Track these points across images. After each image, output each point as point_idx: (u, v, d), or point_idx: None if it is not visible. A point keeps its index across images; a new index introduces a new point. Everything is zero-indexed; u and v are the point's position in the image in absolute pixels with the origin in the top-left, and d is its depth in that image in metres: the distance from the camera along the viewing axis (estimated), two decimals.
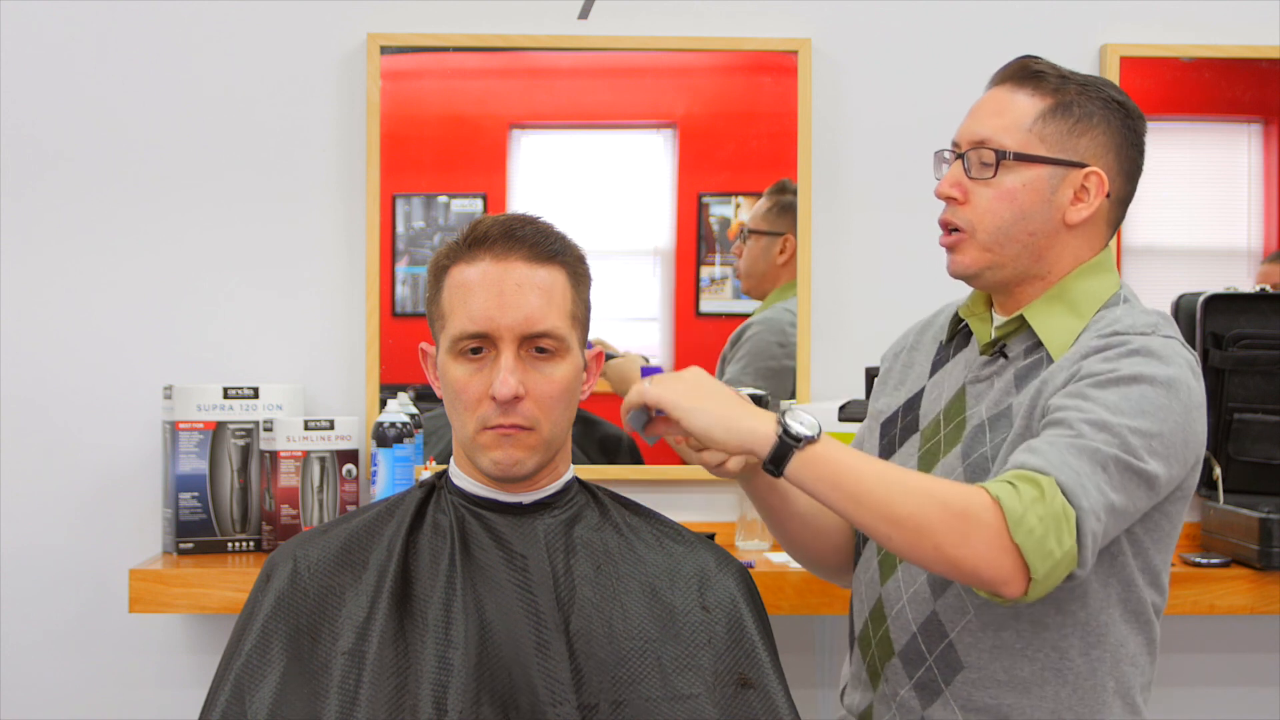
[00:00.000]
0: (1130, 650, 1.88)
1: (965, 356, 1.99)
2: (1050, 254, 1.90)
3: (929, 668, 1.89)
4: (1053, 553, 1.66)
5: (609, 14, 2.91)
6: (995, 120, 1.90)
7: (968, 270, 1.91)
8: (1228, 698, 2.97)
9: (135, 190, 2.88)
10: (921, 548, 1.69)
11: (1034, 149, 1.87)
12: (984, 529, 1.66)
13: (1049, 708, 1.85)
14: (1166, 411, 1.76)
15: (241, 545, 2.77)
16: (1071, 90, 1.90)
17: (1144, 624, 1.89)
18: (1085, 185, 1.88)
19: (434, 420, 2.85)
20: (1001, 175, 1.87)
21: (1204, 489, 2.87)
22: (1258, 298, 2.88)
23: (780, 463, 1.72)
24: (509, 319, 1.76)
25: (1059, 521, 1.66)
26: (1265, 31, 2.95)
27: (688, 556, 1.88)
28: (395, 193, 2.94)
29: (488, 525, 1.83)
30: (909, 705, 1.91)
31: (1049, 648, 1.85)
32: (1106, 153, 1.90)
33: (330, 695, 1.73)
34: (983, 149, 1.89)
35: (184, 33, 2.88)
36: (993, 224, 1.88)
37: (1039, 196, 1.88)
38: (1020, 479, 1.68)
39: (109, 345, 2.88)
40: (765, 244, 3.01)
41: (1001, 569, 1.67)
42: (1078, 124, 1.88)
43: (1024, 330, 1.92)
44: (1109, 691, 1.87)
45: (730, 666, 1.82)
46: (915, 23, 2.93)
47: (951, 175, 1.92)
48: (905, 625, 1.91)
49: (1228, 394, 2.87)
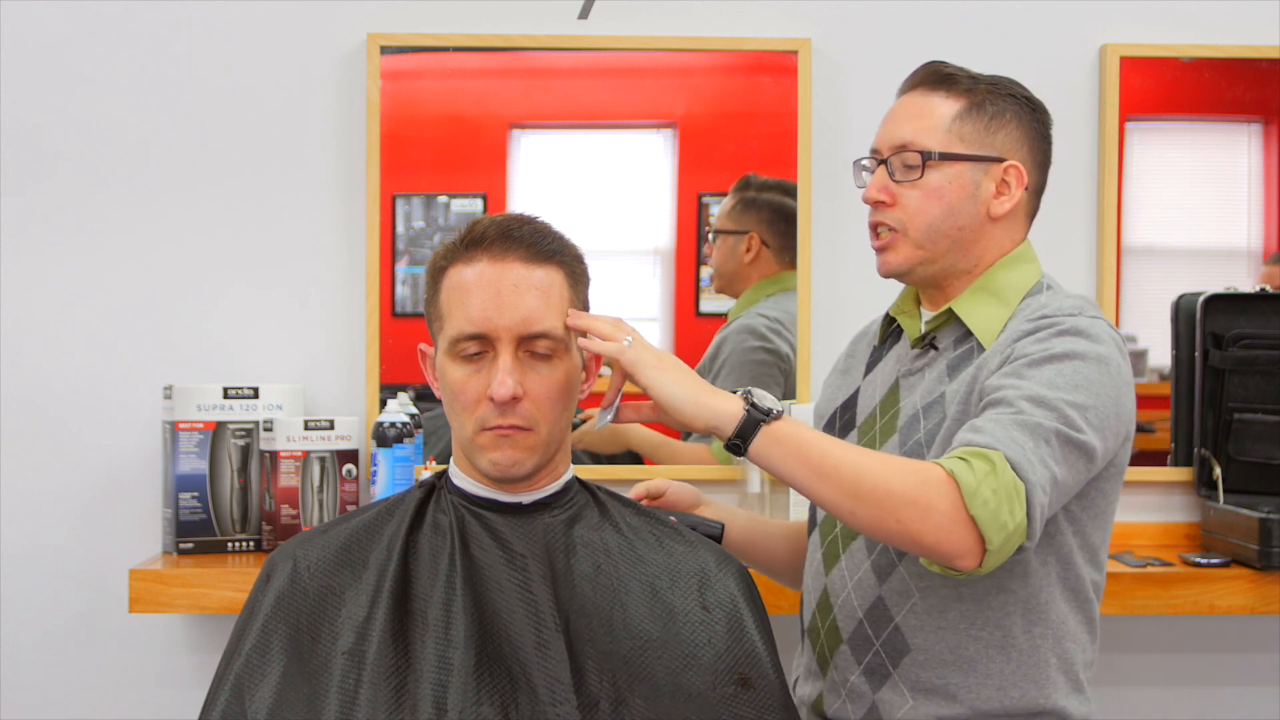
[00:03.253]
0: (1071, 628, 1.94)
1: (897, 352, 2.07)
2: (977, 247, 1.98)
3: (876, 652, 1.95)
4: (1006, 524, 1.71)
5: (609, 14, 2.91)
6: (914, 124, 1.98)
7: (900, 268, 1.99)
8: (1228, 698, 2.97)
9: (135, 190, 2.88)
10: (883, 522, 1.73)
11: (955, 148, 1.96)
12: (942, 502, 1.71)
13: (995, 684, 1.91)
14: (1099, 385, 1.83)
15: (241, 545, 2.77)
16: (982, 90, 1.98)
17: (1083, 602, 1.95)
18: (1005, 179, 1.97)
19: (434, 420, 2.85)
20: (928, 175, 1.96)
21: (1204, 489, 2.87)
22: (1258, 298, 2.88)
23: (746, 438, 1.75)
24: (506, 320, 1.76)
25: (1010, 494, 1.71)
26: (1265, 31, 2.95)
27: (688, 556, 1.89)
28: (395, 193, 2.94)
29: (487, 525, 1.83)
30: (859, 690, 1.97)
31: (992, 626, 1.91)
32: (1021, 146, 1.99)
33: (330, 695, 1.73)
34: (906, 152, 1.97)
35: (184, 33, 2.88)
36: (923, 222, 1.96)
37: (964, 192, 1.96)
38: (971, 454, 1.73)
39: (109, 345, 2.88)
40: (731, 243, 2.98)
41: (959, 541, 1.71)
42: (992, 121, 1.97)
43: (952, 322, 2.00)
44: (1052, 667, 1.93)
45: (730, 666, 1.82)
46: (915, 23, 2.93)
47: (877, 180, 1.99)
48: (851, 612, 1.97)
49: (1228, 394, 2.87)
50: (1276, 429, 2.83)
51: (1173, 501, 2.96)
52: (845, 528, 2.01)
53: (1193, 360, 2.89)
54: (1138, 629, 2.95)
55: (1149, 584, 2.62)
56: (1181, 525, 2.94)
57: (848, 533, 2.01)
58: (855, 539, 2.00)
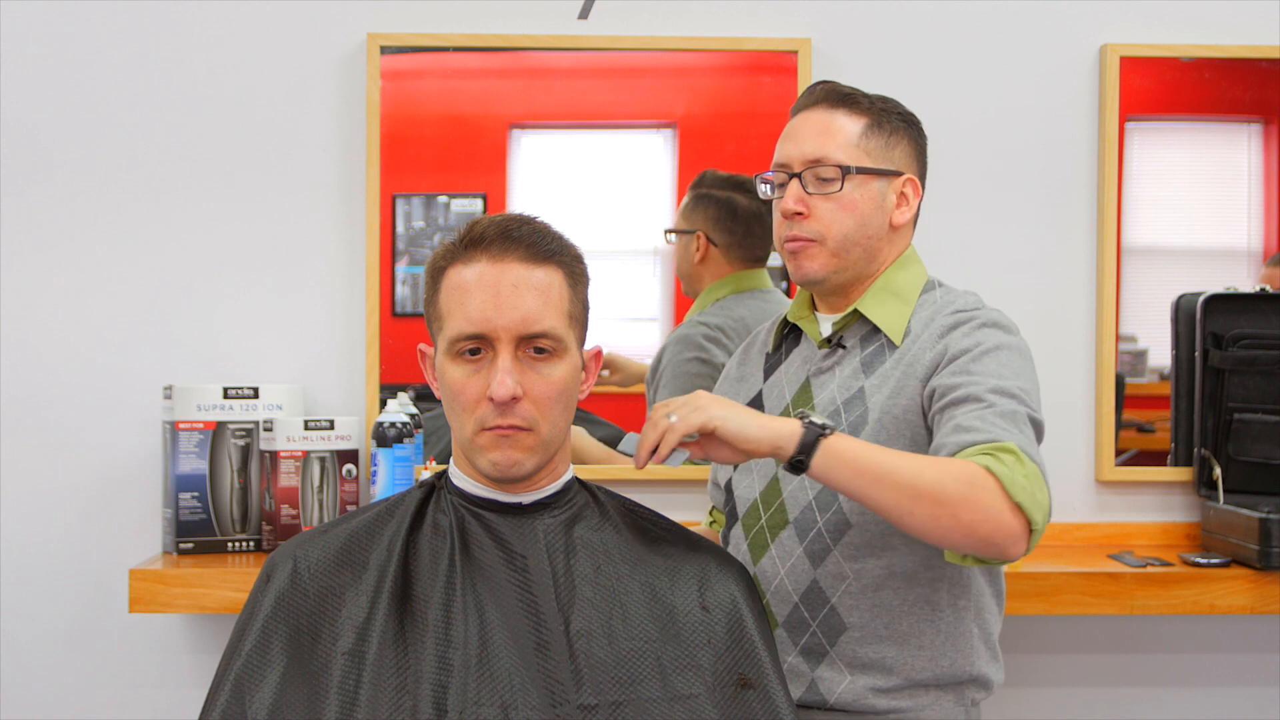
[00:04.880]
0: (987, 600, 2.11)
1: (801, 353, 2.19)
2: (880, 255, 2.13)
3: (814, 633, 2.07)
4: (1042, 504, 1.84)
5: (609, 14, 2.91)
6: (825, 140, 2.10)
7: (817, 275, 2.11)
8: (1228, 698, 2.97)
9: (135, 190, 2.88)
10: (940, 518, 1.81)
11: (864, 162, 2.11)
12: (988, 495, 1.81)
13: (926, 655, 2.06)
14: (1026, 369, 1.99)
15: (241, 545, 2.77)
16: (877, 109, 2.14)
17: (994, 575, 2.13)
18: (904, 191, 2.13)
19: (434, 420, 2.85)
20: (845, 188, 2.08)
21: (1204, 489, 2.87)
22: (1258, 298, 2.89)
23: (808, 453, 1.83)
24: (506, 320, 1.76)
25: (1036, 477, 1.84)
26: (1265, 31, 2.95)
27: (688, 556, 1.89)
28: (395, 193, 2.94)
29: (487, 525, 1.83)
30: (797, 670, 2.08)
31: (922, 602, 2.06)
32: (913, 160, 2.16)
33: (330, 695, 1.73)
34: (820, 166, 2.09)
35: (184, 33, 2.88)
36: (840, 232, 2.09)
37: (874, 204, 2.11)
38: (993, 450, 1.85)
39: (109, 345, 2.88)
40: (683, 242, 2.94)
41: (1010, 528, 1.82)
42: (891, 138, 2.13)
43: (857, 321, 2.14)
44: (974, 637, 2.09)
45: (730, 666, 1.82)
46: (915, 23, 2.93)
47: (794, 192, 2.11)
48: (785, 597, 2.08)
49: (1228, 394, 2.87)
50: (1276, 429, 2.83)
51: (1173, 501, 2.96)
52: (771, 518, 2.11)
53: (1193, 360, 2.89)
54: (1138, 629, 2.95)
55: (1149, 584, 2.63)
56: (1181, 525, 2.94)
57: (775, 522, 2.10)
58: (784, 528, 2.09)
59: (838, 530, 2.05)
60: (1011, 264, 2.93)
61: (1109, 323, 2.91)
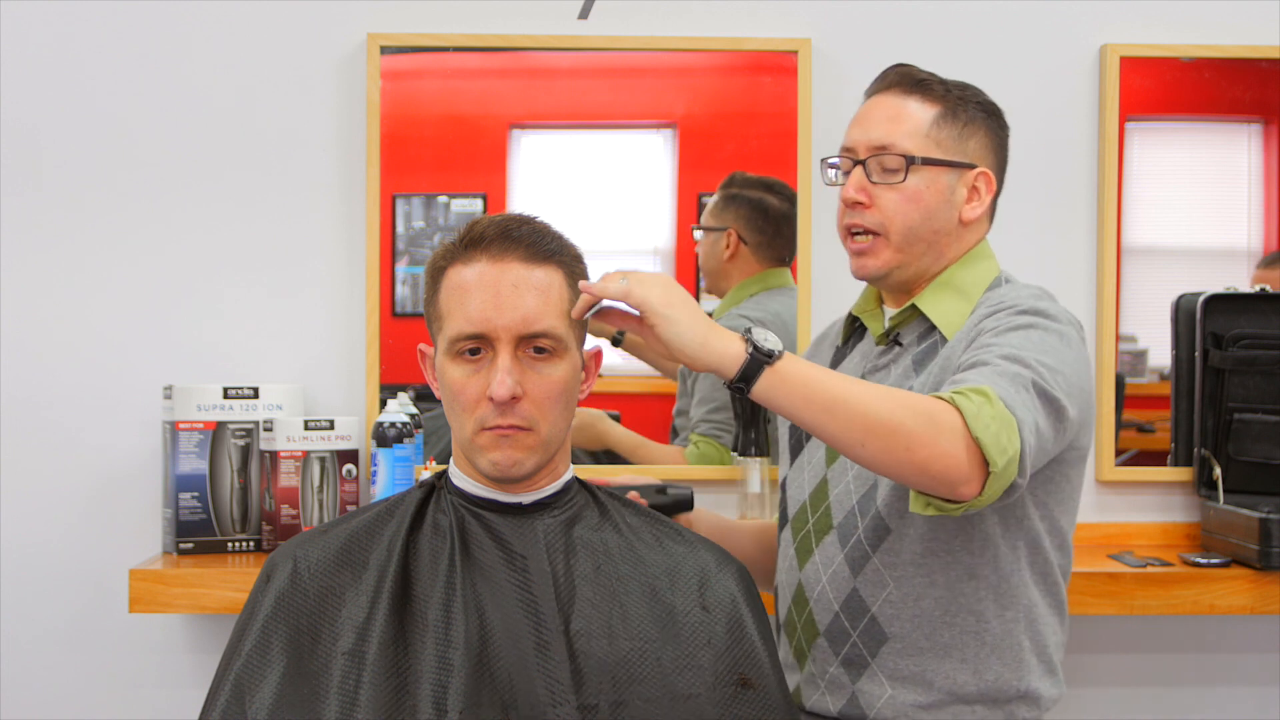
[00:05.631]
0: (1042, 612, 1.99)
1: (861, 349, 2.11)
2: (947, 250, 2.04)
3: (854, 643, 1.98)
4: (1006, 449, 1.72)
5: (609, 14, 2.91)
6: (892, 127, 2.00)
7: (879, 272, 2.02)
8: (1228, 698, 2.97)
9: (135, 190, 2.88)
10: (893, 450, 1.72)
11: (933, 153, 1.99)
12: (948, 427, 1.71)
13: (971, 669, 1.95)
14: (1063, 353, 1.87)
15: (241, 545, 2.77)
16: (954, 97, 2.02)
17: (1051, 585, 2.00)
18: (976, 185, 2.03)
19: (434, 420, 2.85)
20: (909, 179, 1.98)
21: (1204, 489, 2.87)
22: (1258, 298, 2.88)
23: (750, 380, 1.73)
24: (506, 319, 1.76)
25: (1007, 422, 1.73)
26: (1265, 31, 2.95)
27: (688, 556, 1.89)
28: (395, 193, 2.94)
29: (487, 525, 1.83)
30: (838, 681, 2.00)
31: (966, 612, 1.95)
32: (989, 153, 2.04)
33: (330, 695, 1.73)
34: (885, 154, 1.99)
35: (184, 33, 2.88)
36: (903, 225, 2.00)
37: (941, 197, 2.00)
38: (966, 390, 1.75)
39: (109, 345, 2.88)
40: (711, 240, 2.97)
41: (965, 465, 1.72)
42: (965, 128, 2.02)
43: (916, 318, 2.05)
44: (1026, 650, 1.98)
45: (730, 666, 1.82)
46: (915, 23, 2.93)
47: (856, 180, 2.01)
48: (827, 605, 2.00)
49: (1228, 394, 2.86)
50: (1276, 429, 2.83)
51: (1173, 501, 2.96)
52: (818, 522, 2.04)
53: (1193, 360, 2.89)
54: (1138, 629, 2.95)
55: (1149, 584, 2.62)
56: (1181, 525, 2.94)
57: (820, 527, 2.03)
58: (828, 533, 2.02)
59: (876, 536, 1.98)
60: (1011, 264, 2.90)
61: (1109, 323, 2.91)
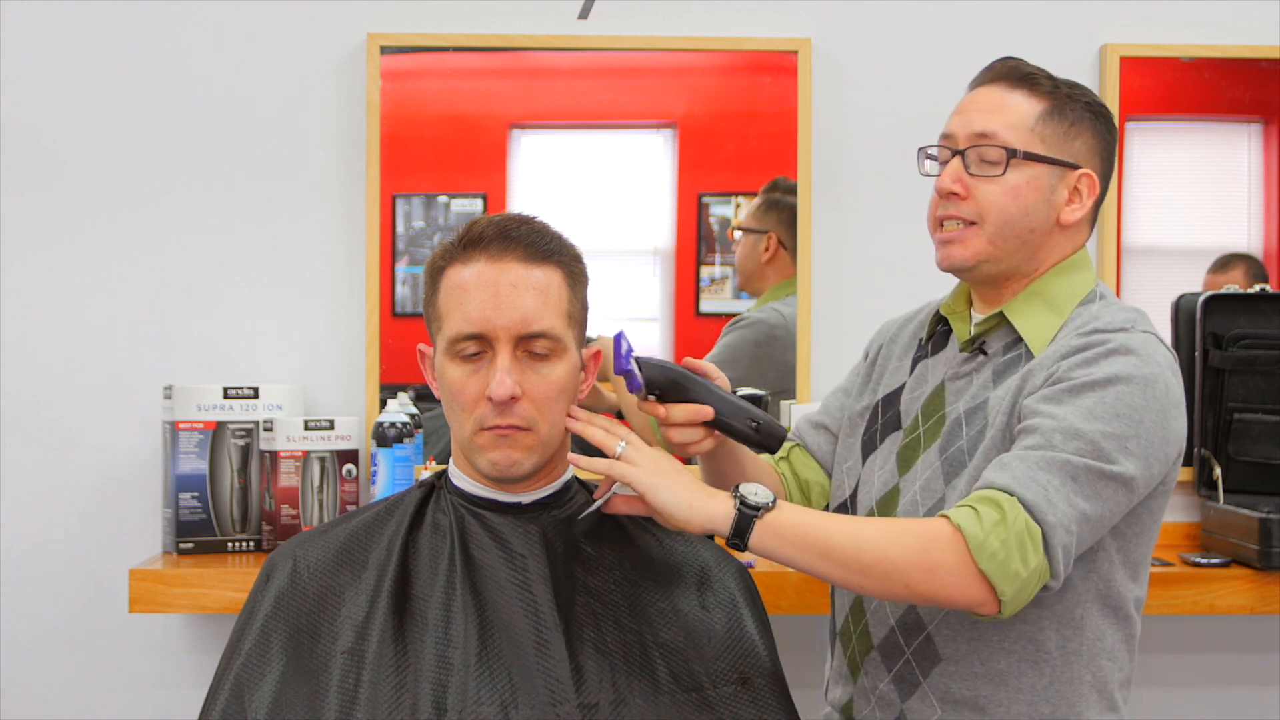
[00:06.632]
0: (1108, 644, 1.90)
1: (945, 355, 2.03)
2: (1041, 252, 1.94)
3: (907, 661, 1.92)
4: (1018, 573, 1.69)
5: (609, 14, 2.91)
6: (996, 118, 1.92)
7: (967, 263, 1.93)
8: (1228, 698, 2.97)
9: (135, 190, 2.88)
10: (893, 589, 1.72)
11: (1036, 148, 1.91)
12: (947, 559, 1.70)
13: (1025, 699, 1.87)
14: (1143, 411, 1.79)
15: (241, 545, 2.77)
16: (1062, 93, 1.94)
17: (1123, 618, 1.91)
18: (1078, 187, 1.94)
19: (434, 420, 2.85)
20: (1009, 172, 1.90)
21: (1204, 489, 2.87)
22: (1258, 298, 2.88)
23: (743, 535, 1.73)
24: (505, 319, 1.76)
25: (1023, 541, 1.69)
26: (1265, 31, 2.95)
27: (687, 555, 1.89)
28: (395, 193, 2.94)
29: (487, 525, 1.83)
30: (888, 698, 1.94)
31: (1025, 640, 1.87)
32: (1094, 156, 1.95)
33: (330, 694, 1.73)
34: (986, 146, 1.91)
35: (184, 33, 2.88)
36: (1000, 218, 1.91)
37: (1040, 195, 1.91)
38: (982, 501, 1.71)
39: (109, 345, 2.88)
40: (751, 241, 3.00)
41: (972, 594, 1.71)
42: (1072, 127, 1.93)
43: (1003, 327, 1.96)
44: (1085, 685, 1.88)
45: (730, 665, 1.82)
46: (915, 23, 2.93)
47: (953, 170, 1.94)
48: (883, 619, 1.94)
49: (1228, 394, 2.86)
50: (1276, 429, 2.83)
51: (1173, 501, 2.95)
52: None
53: (1193, 360, 2.89)
54: None
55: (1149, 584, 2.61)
56: (1181, 525, 2.94)
57: None
58: None
59: None
60: None
61: None
